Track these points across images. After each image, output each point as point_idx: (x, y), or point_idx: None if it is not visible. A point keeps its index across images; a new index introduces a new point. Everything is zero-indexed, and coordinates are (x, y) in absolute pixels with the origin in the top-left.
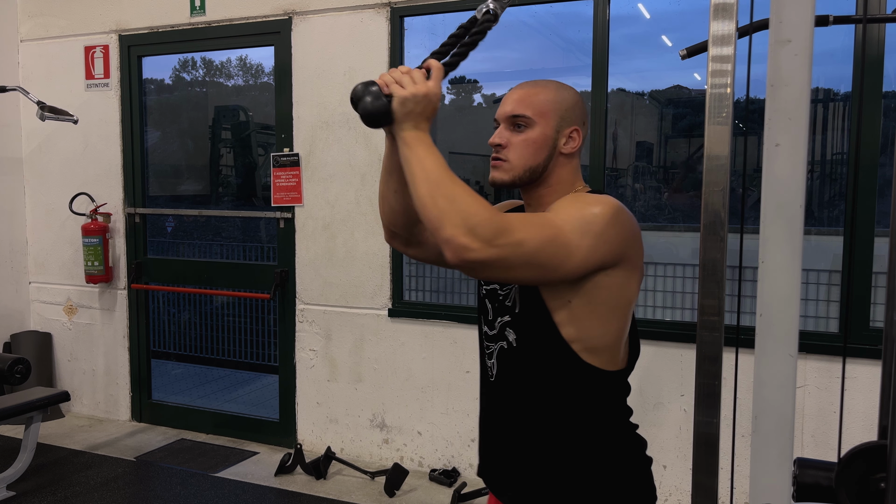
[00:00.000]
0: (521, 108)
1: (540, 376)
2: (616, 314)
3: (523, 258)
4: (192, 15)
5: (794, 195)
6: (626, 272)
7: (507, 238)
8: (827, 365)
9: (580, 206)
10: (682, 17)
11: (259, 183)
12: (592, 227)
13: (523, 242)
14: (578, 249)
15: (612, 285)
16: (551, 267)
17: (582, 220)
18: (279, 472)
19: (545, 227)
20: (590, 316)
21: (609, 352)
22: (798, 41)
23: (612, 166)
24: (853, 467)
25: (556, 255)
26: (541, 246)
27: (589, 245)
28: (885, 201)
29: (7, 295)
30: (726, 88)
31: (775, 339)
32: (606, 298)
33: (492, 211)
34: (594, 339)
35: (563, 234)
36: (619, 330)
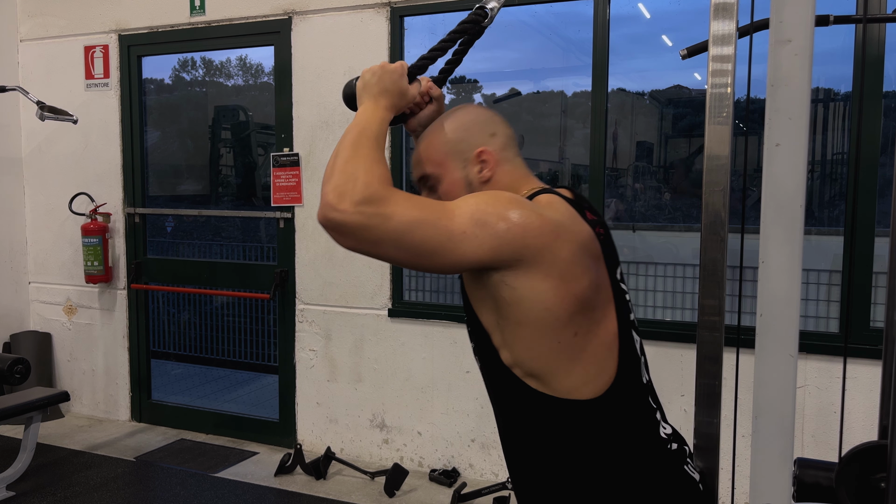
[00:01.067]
0: (421, 169)
1: (501, 405)
2: (542, 332)
3: (390, 234)
4: (192, 15)
5: (794, 195)
6: (535, 278)
7: (376, 207)
8: (827, 365)
9: (483, 197)
10: (682, 16)
11: (259, 183)
12: (485, 219)
13: (392, 216)
14: (463, 237)
15: (523, 296)
16: (425, 252)
17: (476, 210)
18: (279, 473)
19: (427, 210)
20: (517, 337)
21: (556, 377)
22: (798, 41)
23: (612, 166)
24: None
25: (432, 239)
26: (413, 225)
27: (477, 235)
28: (886, 201)
29: (7, 295)
30: (727, 88)
31: (775, 339)
32: (526, 314)
33: (379, 180)
34: (529, 363)
35: (447, 219)
36: (552, 352)
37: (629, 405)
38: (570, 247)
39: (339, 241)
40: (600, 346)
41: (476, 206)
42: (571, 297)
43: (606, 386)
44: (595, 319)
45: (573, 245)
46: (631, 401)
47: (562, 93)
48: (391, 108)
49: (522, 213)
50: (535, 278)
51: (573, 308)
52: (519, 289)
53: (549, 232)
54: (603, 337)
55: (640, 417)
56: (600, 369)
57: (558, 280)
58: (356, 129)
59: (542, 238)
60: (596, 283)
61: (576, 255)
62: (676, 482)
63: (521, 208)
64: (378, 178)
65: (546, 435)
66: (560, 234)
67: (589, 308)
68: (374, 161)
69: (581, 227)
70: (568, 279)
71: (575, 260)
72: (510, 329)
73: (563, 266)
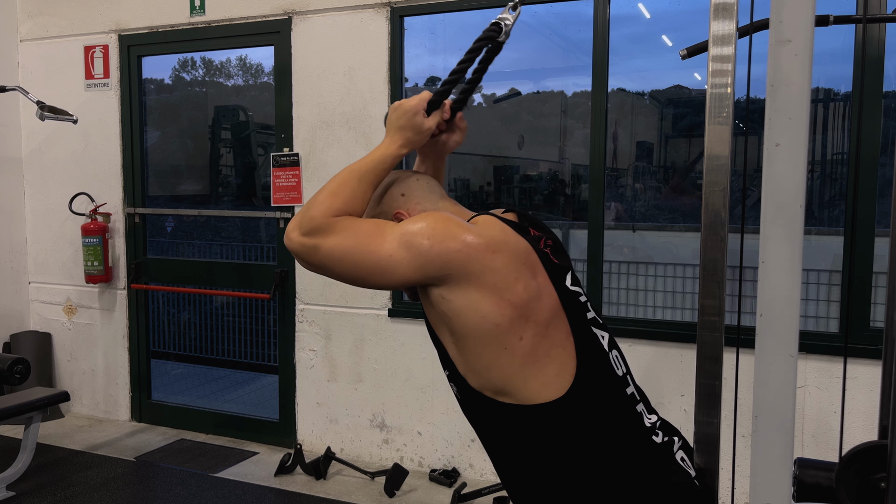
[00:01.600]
0: None
1: (480, 426)
2: (487, 340)
3: (326, 260)
4: (192, 15)
5: (794, 195)
6: (467, 290)
7: (315, 238)
8: (827, 365)
9: (415, 220)
10: (682, 16)
11: (259, 183)
12: (411, 240)
13: (323, 246)
14: (390, 260)
15: (459, 308)
16: (361, 274)
17: (404, 232)
18: (279, 473)
19: (362, 237)
20: (468, 351)
21: (518, 386)
22: (798, 41)
23: (612, 166)
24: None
25: (363, 263)
26: (345, 253)
27: (404, 257)
28: (886, 201)
29: (7, 295)
30: (727, 88)
31: (775, 339)
32: (465, 324)
33: (326, 214)
34: (491, 379)
35: (378, 244)
36: (503, 359)
37: (599, 399)
38: (502, 258)
39: (303, 265)
40: (553, 348)
41: (404, 228)
42: (506, 303)
43: (568, 385)
44: (540, 323)
45: (505, 257)
46: (601, 395)
47: (562, 93)
48: (406, 144)
49: (446, 231)
50: (468, 290)
51: (511, 314)
52: (454, 301)
53: (475, 246)
54: (554, 338)
55: (615, 409)
56: (559, 369)
57: (490, 290)
58: (356, 163)
59: (468, 252)
60: (536, 290)
61: (508, 266)
62: (664, 473)
63: (445, 226)
64: (328, 212)
65: (524, 443)
66: (490, 247)
67: (530, 313)
68: (341, 195)
69: (515, 241)
70: (500, 288)
71: (507, 270)
72: (461, 344)
73: (495, 276)
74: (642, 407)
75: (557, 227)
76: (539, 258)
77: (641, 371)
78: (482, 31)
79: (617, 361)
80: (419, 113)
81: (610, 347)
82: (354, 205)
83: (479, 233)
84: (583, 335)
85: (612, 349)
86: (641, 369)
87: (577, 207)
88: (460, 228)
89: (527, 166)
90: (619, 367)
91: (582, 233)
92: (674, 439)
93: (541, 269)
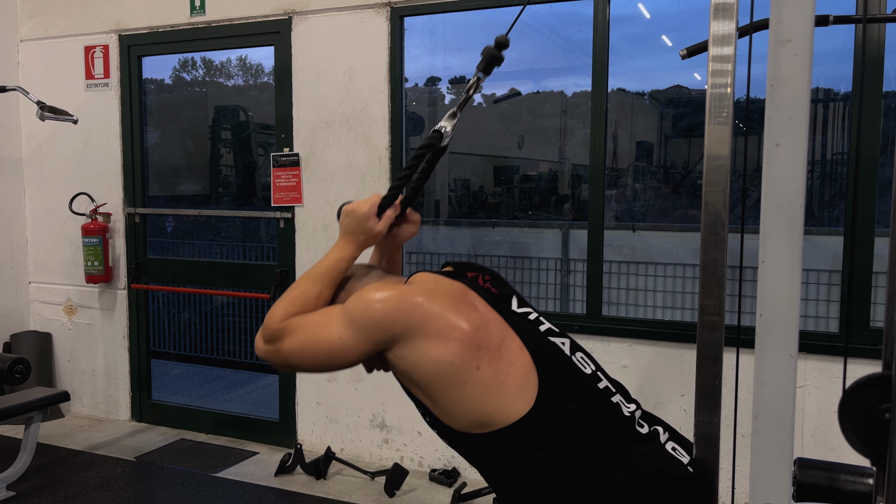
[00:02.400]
0: None
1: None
2: (449, 381)
3: (290, 360)
4: (192, 15)
5: (794, 195)
6: (416, 342)
7: (274, 344)
8: (827, 365)
9: (352, 299)
10: (682, 17)
11: (259, 183)
12: (352, 317)
13: (283, 349)
14: (341, 341)
15: (415, 361)
16: (323, 362)
17: (345, 313)
18: (279, 472)
19: (311, 331)
20: (440, 397)
21: (494, 412)
22: (798, 41)
23: (612, 166)
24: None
25: (321, 353)
26: (302, 349)
27: (351, 334)
28: (885, 201)
29: (7, 295)
30: (726, 88)
31: (775, 339)
32: (425, 373)
33: (280, 319)
34: (469, 415)
35: (326, 332)
36: (471, 392)
37: (570, 398)
38: (437, 304)
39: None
40: (511, 366)
41: (344, 309)
42: (453, 342)
43: (535, 394)
44: (492, 348)
45: (441, 301)
46: (570, 394)
47: (562, 93)
48: (359, 248)
49: (381, 297)
50: (416, 342)
51: (460, 349)
52: (408, 356)
53: (410, 300)
54: (509, 357)
55: (589, 403)
56: (522, 383)
57: (435, 335)
58: (313, 267)
59: (405, 307)
60: (480, 321)
61: (446, 309)
62: (654, 461)
63: (378, 292)
64: (283, 317)
65: (517, 461)
66: (424, 296)
67: (480, 342)
68: (296, 301)
69: (448, 285)
70: (444, 330)
71: (446, 313)
72: (429, 393)
73: (436, 322)
74: (619, 398)
75: (557, 227)
76: (478, 293)
77: (641, 371)
78: (425, 139)
79: (583, 362)
80: (371, 218)
81: (572, 351)
82: (307, 307)
83: (412, 289)
84: (539, 347)
85: (576, 352)
86: (641, 369)
87: (576, 207)
88: (392, 290)
89: (527, 166)
90: (587, 366)
91: (582, 233)
92: (657, 429)
93: (481, 301)
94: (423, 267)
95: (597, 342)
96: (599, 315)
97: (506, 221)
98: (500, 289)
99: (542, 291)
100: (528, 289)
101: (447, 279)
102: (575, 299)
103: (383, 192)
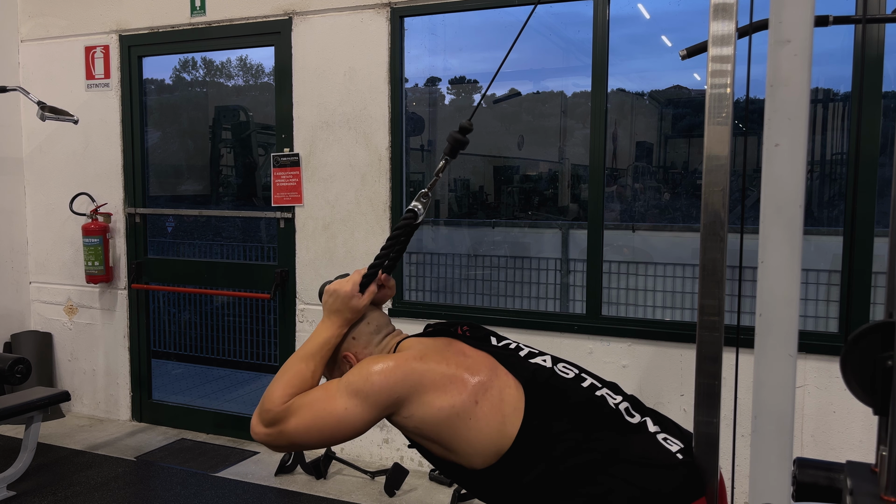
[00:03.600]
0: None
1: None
2: (456, 423)
3: (297, 439)
4: (193, 15)
5: (794, 195)
6: (418, 400)
7: (277, 427)
8: (827, 365)
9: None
10: (682, 17)
11: (259, 183)
12: (355, 388)
13: (289, 430)
14: (346, 412)
15: (422, 417)
16: (330, 435)
17: (347, 385)
18: (279, 472)
19: (315, 407)
20: (453, 442)
21: (499, 436)
22: (798, 41)
23: (612, 166)
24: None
25: (328, 427)
26: (309, 427)
27: (357, 404)
28: (885, 201)
29: (7, 295)
30: (726, 88)
31: (775, 339)
32: (434, 424)
33: (280, 401)
34: (485, 450)
35: (331, 406)
36: (476, 427)
37: (555, 400)
38: (428, 361)
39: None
40: (503, 391)
41: (345, 382)
42: (451, 387)
43: (523, 406)
44: (484, 381)
45: (430, 358)
46: (555, 397)
47: (562, 93)
48: (344, 325)
49: (380, 368)
50: (420, 398)
51: (458, 391)
52: (415, 413)
53: (405, 365)
54: (499, 385)
55: (575, 399)
56: (515, 402)
57: (433, 386)
58: (302, 347)
59: (404, 372)
60: (471, 362)
61: (437, 362)
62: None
63: (377, 364)
64: (281, 399)
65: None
66: (416, 358)
67: (473, 381)
68: (291, 382)
69: (433, 343)
70: (440, 381)
71: (437, 366)
72: (443, 441)
73: (432, 375)
74: (605, 391)
75: (557, 227)
76: (460, 340)
77: (641, 371)
78: (402, 219)
79: (565, 369)
80: (354, 296)
81: (553, 363)
82: (304, 386)
83: (404, 355)
84: (522, 367)
85: (557, 363)
86: (641, 369)
87: (576, 208)
88: (388, 360)
89: (527, 166)
90: (569, 372)
91: (582, 233)
92: (645, 420)
93: (464, 346)
94: (423, 267)
95: (597, 342)
96: (599, 315)
97: (506, 221)
98: (477, 333)
99: (542, 291)
100: (528, 289)
101: (431, 338)
102: (575, 299)
103: (384, 191)
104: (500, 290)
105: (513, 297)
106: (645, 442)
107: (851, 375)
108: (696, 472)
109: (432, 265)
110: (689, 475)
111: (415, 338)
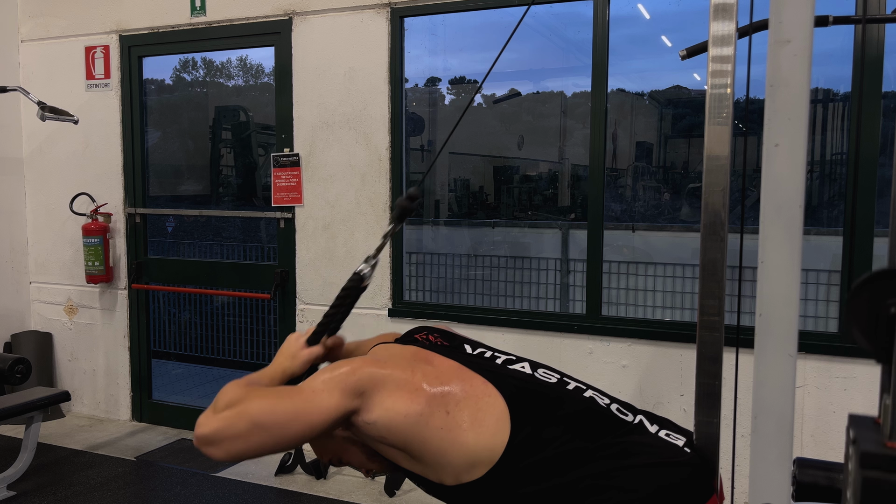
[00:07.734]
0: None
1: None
2: (421, 432)
3: (261, 417)
4: (193, 15)
5: (794, 195)
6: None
7: (239, 407)
8: (826, 365)
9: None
10: (682, 17)
11: (259, 183)
12: (321, 380)
13: (255, 409)
14: (314, 393)
15: (386, 422)
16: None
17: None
18: (279, 472)
19: (282, 390)
20: (422, 454)
21: (477, 453)
22: (798, 41)
23: (611, 166)
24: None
25: (292, 406)
26: (275, 405)
27: (323, 388)
28: (885, 201)
29: (8, 295)
30: (726, 89)
31: (775, 339)
32: (399, 432)
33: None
34: (456, 464)
35: (298, 390)
36: (447, 439)
37: (542, 407)
38: (390, 366)
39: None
40: (480, 401)
41: (311, 379)
42: (415, 393)
43: (509, 418)
44: (456, 392)
45: (393, 364)
46: (541, 404)
47: (561, 93)
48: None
49: (346, 366)
50: (379, 400)
51: (424, 399)
52: (378, 419)
53: (365, 369)
54: (475, 394)
55: (563, 403)
56: (497, 413)
57: (395, 391)
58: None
59: (365, 373)
60: (436, 372)
61: (401, 369)
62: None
63: (344, 364)
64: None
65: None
66: (378, 364)
67: (441, 388)
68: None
69: (399, 350)
70: (403, 386)
71: (400, 373)
72: (414, 451)
73: (393, 381)
74: (592, 392)
75: (557, 227)
76: (430, 349)
77: (641, 371)
78: (348, 282)
79: (547, 374)
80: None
81: (533, 369)
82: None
83: (366, 359)
84: (501, 376)
85: (537, 369)
86: (641, 369)
87: (576, 208)
88: (354, 361)
89: (526, 166)
90: (551, 377)
91: (581, 233)
92: (641, 419)
93: (434, 355)
94: (423, 266)
95: (596, 342)
96: (599, 315)
97: (506, 221)
98: (450, 341)
99: (542, 291)
100: (527, 289)
101: (399, 346)
102: (575, 299)
103: (384, 191)
104: (499, 290)
105: (513, 297)
106: (648, 440)
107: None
108: (705, 463)
109: (432, 265)
110: (700, 467)
111: (384, 345)
